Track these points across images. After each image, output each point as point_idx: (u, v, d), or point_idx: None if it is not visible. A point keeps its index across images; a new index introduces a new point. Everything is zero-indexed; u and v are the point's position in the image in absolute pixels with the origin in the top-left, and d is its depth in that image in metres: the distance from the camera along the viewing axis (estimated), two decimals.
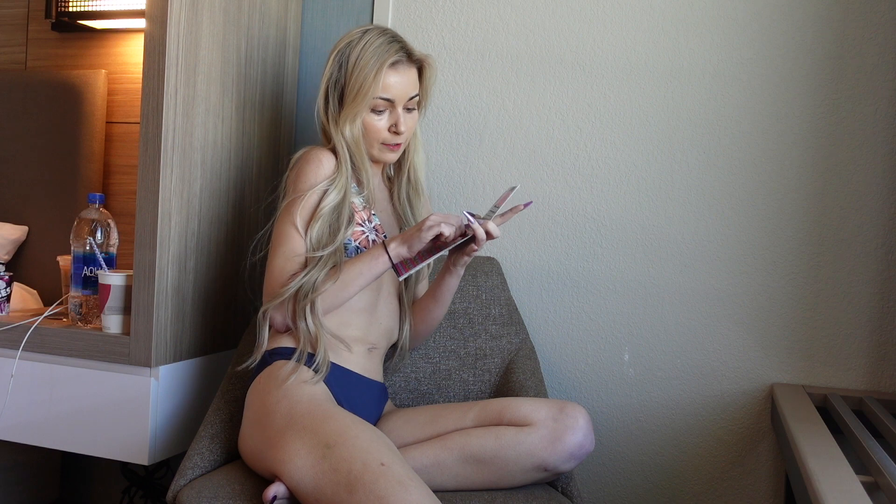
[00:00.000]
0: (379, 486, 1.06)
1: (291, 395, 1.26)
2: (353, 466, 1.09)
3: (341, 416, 1.21)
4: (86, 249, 1.57)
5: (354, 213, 1.41)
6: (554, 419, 1.28)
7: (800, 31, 1.60)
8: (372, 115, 1.41)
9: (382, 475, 1.08)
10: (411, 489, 1.06)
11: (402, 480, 1.07)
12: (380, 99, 1.40)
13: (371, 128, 1.42)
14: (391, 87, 1.40)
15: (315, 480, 1.12)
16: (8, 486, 1.94)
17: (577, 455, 1.28)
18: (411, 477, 1.10)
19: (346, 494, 1.08)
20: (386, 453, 1.13)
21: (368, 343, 1.42)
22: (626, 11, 1.70)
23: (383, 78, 1.38)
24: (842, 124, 1.58)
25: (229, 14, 1.61)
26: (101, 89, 1.88)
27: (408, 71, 1.42)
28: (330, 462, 1.12)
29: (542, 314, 1.76)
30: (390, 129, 1.43)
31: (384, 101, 1.40)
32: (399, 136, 1.43)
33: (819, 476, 1.00)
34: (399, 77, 1.41)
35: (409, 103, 1.44)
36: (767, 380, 1.63)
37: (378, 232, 1.44)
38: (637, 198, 1.70)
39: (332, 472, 1.11)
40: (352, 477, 1.08)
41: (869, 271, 1.57)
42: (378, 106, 1.41)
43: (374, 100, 1.39)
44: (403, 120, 1.42)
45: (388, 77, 1.39)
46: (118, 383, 1.49)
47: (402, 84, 1.41)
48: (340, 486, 1.09)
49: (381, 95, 1.39)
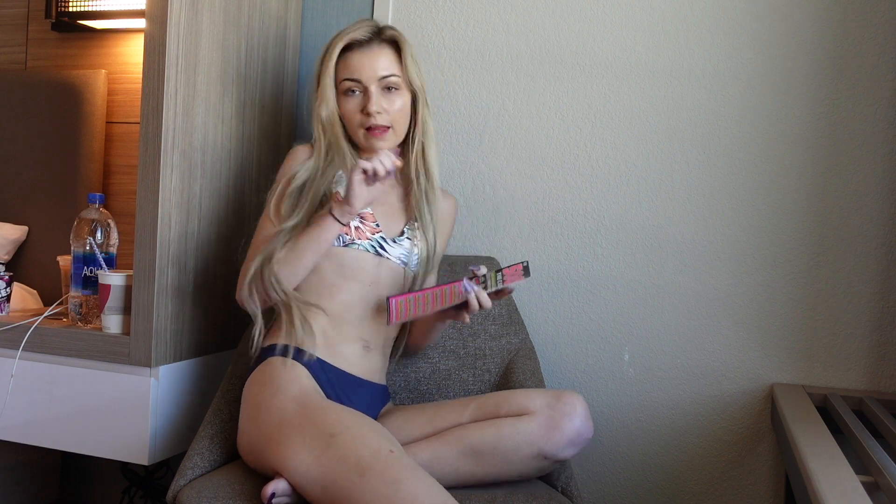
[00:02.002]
0: (393, 470, 1.08)
1: (284, 392, 1.27)
2: (363, 452, 1.11)
3: (336, 407, 1.23)
4: (86, 249, 1.57)
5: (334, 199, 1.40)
6: (550, 407, 1.28)
7: (800, 31, 1.60)
8: (343, 98, 1.43)
9: (396, 460, 1.10)
10: (420, 472, 1.10)
11: (413, 465, 1.11)
12: (346, 80, 1.42)
13: (345, 112, 1.44)
14: (352, 66, 1.42)
15: (322, 470, 1.13)
16: (8, 486, 1.94)
17: (576, 442, 1.28)
18: (417, 465, 1.13)
19: (358, 478, 1.09)
20: (393, 442, 1.16)
21: (363, 340, 1.42)
22: (626, 11, 1.70)
23: (340, 57, 1.42)
24: (842, 124, 1.58)
25: (229, 14, 1.61)
26: (101, 89, 1.88)
27: (375, 50, 1.42)
28: (336, 450, 1.13)
29: (542, 314, 1.76)
30: (363, 111, 1.42)
31: (351, 82, 1.42)
32: (371, 117, 1.41)
33: (819, 476, 1.00)
34: (361, 56, 1.42)
35: (384, 82, 1.42)
36: (767, 380, 1.63)
37: (365, 220, 1.43)
38: (637, 198, 1.70)
39: (339, 460, 1.12)
40: (364, 463, 1.10)
41: (869, 271, 1.57)
42: (346, 87, 1.42)
43: (343, 82, 1.42)
44: (376, 100, 1.41)
45: (348, 57, 1.42)
46: (118, 383, 1.49)
47: (367, 63, 1.41)
48: (350, 472, 1.10)
49: (345, 76, 1.42)
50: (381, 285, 1.43)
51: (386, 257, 1.43)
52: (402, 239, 1.46)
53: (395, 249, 1.45)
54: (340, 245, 1.40)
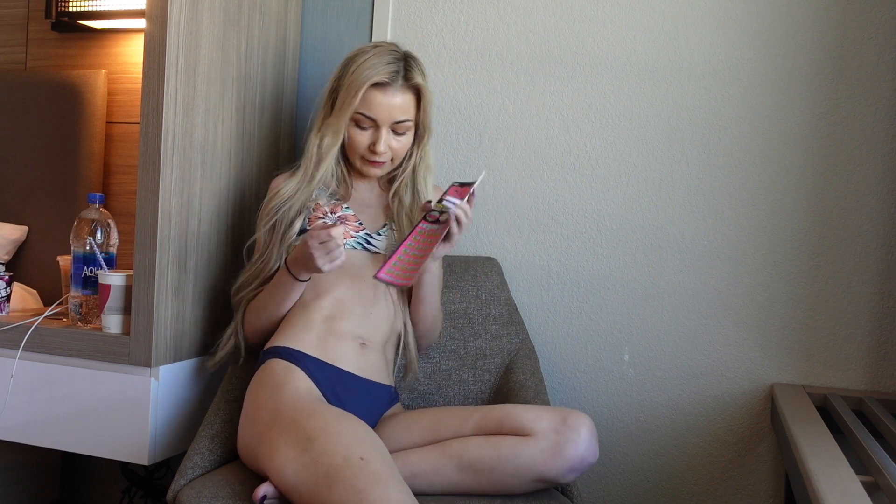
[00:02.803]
0: (359, 480, 1.06)
1: (279, 394, 1.28)
2: (334, 460, 1.09)
3: (326, 411, 1.22)
4: (86, 249, 1.56)
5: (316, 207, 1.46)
6: (556, 431, 1.24)
7: (800, 31, 1.60)
8: (355, 127, 1.45)
9: (362, 470, 1.07)
10: (390, 485, 1.07)
11: (381, 476, 1.07)
12: (361, 115, 1.42)
13: (352, 140, 1.46)
14: (374, 106, 1.42)
15: (297, 474, 1.12)
16: (8, 486, 1.94)
17: (578, 468, 1.25)
18: (391, 473, 1.10)
19: (326, 489, 1.08)
20: (367, 448, 1.12)
21: (360, 337, 1.42)
22: (626, 11, 1.70)
23: (366, 95, 1.41)
24: (842, 124, 1.58)
25: (229, 14, 1.61)
26: (101, 89, 1.88)
27: (398, 94, 1.43)
28: (311, 455, 1.12)
29: (542, 314, 1.76)
30: (369, 147, 1.45)
31: (366, 119, 1.43)
32: (376, 155, 1.45)
33: (819, 476, 1.00)
34: (385, 98, 1.42)
35: (397, 126, 1.44)
36: (767, 380, 1.63)
37: (347, 220, 1.47)
38: (637, 198, 1.70)
39: (313, 465, 1.11)
40: (332, 470, 1.08)
41: (869, 271, 1.57)
42: (361, 121, 1.43)
43: (357, 114, 1.42)
44: (384, 140, 1.43)
45: (372, 95, 1.41)
46: (118, 383, 1.49)
47: (388, 106, 1.42)
48: (320, 479, 1.09)
49: (363, 112, 1.42)
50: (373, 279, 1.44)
51: (374, 251, 1.47)
52: (385, 230, 1.50)
53: (382, 242, 1.48)
54: None
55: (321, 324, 1.40)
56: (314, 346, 1.38)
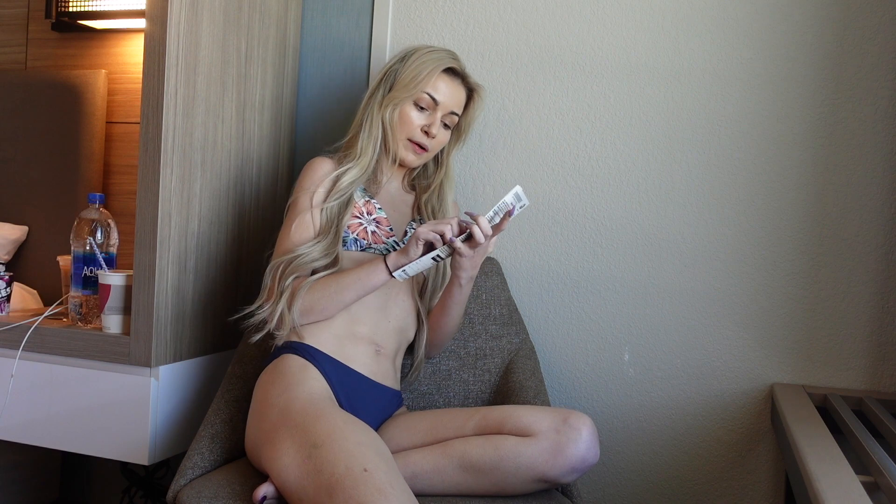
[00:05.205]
0: (359, 492, 1.05)
1: (291, 391, 1.27)
2: (336, 469, 1.08)
3: (334, 416, 1.20)
4: (86, 249, 1.57)
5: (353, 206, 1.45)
6: (556, 431, 1.24)
7: (800, 31, 1.60)
8: (413, 108, 1.48)
9: (363, 481, 1.06)
10: (391, 498, 1.05)
11: (383, 488, 1.05)
12: (426, 94, 1.47)
13: (406, 119, 1.48)
14: (440, 89, 1.48)
15: (299, 480, 1.12)
16: (8, 486, 1.94)
17: (579, 469, 1.25)
18: (393, 485, 1.08)
19: (327, 498, 1.07)
20: (372, 457, 1.11)
21: (375, 343, 1.42)
22: (626, 11, 1.70)
23: (437, 77, 1.47)
24: (842, 124, 1.58)
25: (229, 14, 1.61)
26: (101, 89, 1.88)
27: (459, 87, 1.52)
28: (315, 462, 1.11)
29: (542, 314, 1.76)
30: (423, 128, 1.48)
31: (429, 99, 1.47)
32: (428, 138, 1.49)
33: (819, 476, 1.00)
34: (450, 85, 1.50)
35: (448, 118, 1.51)
36: (767, 380, 1.63)
37: (380, 224, 1.47)
38: (637, 198, 1.70)
39: (315, 473, 1.10)
40: (333, 480, 1.07)
41: (869, 271, 1.57)
42: (422, 101, 1.48)
43: (422, 93, 1.46)
44: (438, 125, 1.49)
45: (441, 78, 1.48)
46: (118, 383, 1.49)
47: (451, 93, 1.50)
48: (322, 488, 1.08)
49: (429, 91, 1.47)
50: (394, 288, 1.46)
51: None
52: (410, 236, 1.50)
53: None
54: (358, 249, 1.43)
55: (341, 326, 1.39)
56: (331, 346, 1.38)
